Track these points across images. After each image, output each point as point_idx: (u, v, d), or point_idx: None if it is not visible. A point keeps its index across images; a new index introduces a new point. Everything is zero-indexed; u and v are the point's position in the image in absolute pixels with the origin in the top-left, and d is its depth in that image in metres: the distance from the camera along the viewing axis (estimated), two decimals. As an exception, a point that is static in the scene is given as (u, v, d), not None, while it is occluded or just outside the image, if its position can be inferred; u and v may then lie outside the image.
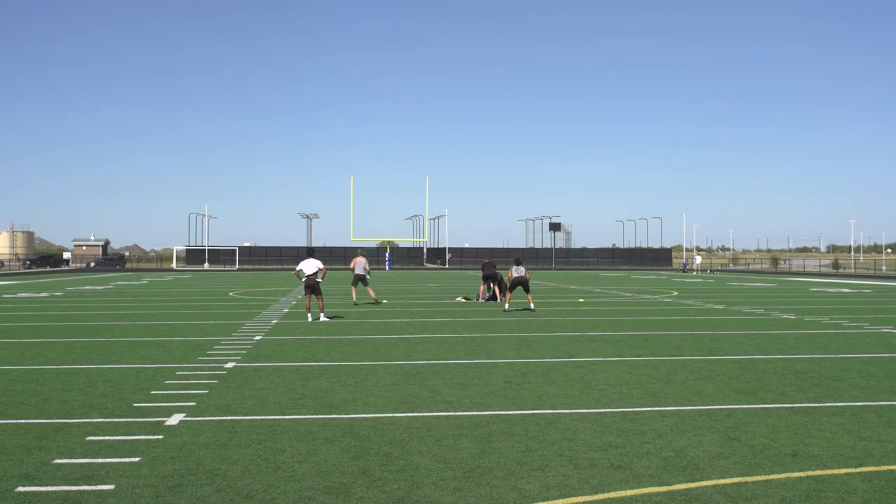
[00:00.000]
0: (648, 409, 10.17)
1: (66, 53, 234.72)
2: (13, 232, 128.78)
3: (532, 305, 27.06)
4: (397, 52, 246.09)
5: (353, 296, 31.26)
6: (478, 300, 32.66)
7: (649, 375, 12.84)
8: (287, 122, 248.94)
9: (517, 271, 27.11)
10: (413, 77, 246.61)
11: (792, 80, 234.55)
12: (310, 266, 23.41)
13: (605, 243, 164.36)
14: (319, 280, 23.25)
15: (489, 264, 32.73)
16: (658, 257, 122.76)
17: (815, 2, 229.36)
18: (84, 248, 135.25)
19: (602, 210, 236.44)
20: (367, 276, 31.05)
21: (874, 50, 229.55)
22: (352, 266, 31.04)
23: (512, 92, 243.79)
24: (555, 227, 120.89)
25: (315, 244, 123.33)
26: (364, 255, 31.74)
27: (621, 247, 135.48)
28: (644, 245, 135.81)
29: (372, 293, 31.74)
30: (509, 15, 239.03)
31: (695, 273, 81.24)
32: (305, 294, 23.51)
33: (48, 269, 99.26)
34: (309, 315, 23.06)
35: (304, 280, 23.30)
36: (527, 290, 27.02)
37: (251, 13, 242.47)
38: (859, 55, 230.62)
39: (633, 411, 10.01)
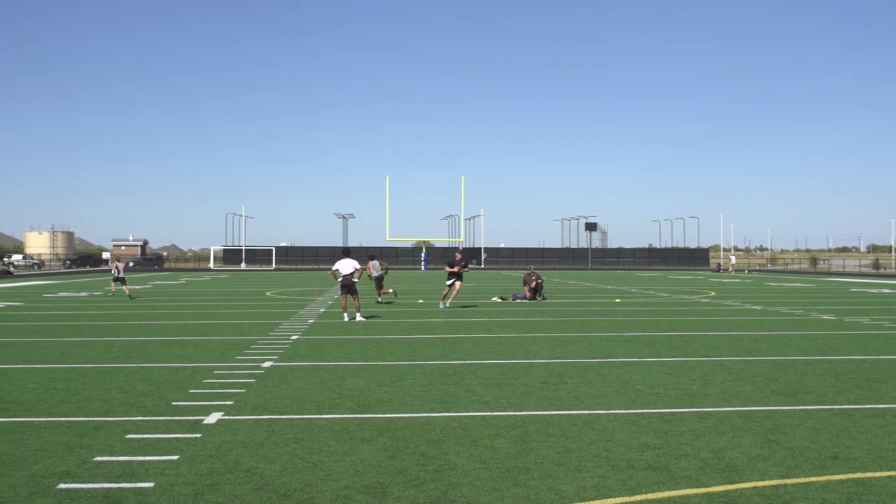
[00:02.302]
0: (686, 410, 10.10)
1: (107, 54, 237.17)
2: (54, 232, 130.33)
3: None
4: (433, 51, 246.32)
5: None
6: (514, 300, 32.62)
7: (687, 376, 12.75)
8: (323, 123, 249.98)
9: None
10: (449, 77, 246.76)
11: (831, 79, 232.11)
12: (346, 266, 23.48)
13: (642, 243, 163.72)
14: (356, 280, 23.32)
15: (531, 275, 33.39)
16: (695, 257, 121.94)
17: (859, 2, 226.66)
18: (123, 248, 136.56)
19: (638, 210, 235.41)
20: (384, 276, 31.45)
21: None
22: (368, 271, 31.24)
23: (548, 91, 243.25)
24: (591, 226, 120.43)
25: (351, 244, 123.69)
26: (377, 258, 32.22)
27: (657, 247, 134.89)
28: (681, 245, 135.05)
29: (378, 297, 31.62)
30: (545, 13, 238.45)
31: (731, 273, 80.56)
32: (342, 294, 23.58)
33: (88, 268, 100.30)
34: (345, 315, 23.13)
35: (340, 280, 23.39)
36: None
37: (287, 12, 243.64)
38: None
39: (671, 412, 9.95)
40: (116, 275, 36.21)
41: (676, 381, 12.22)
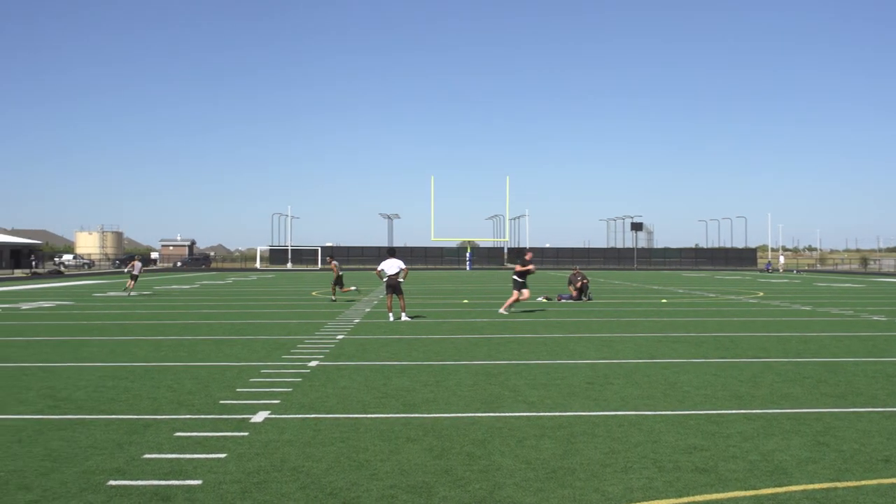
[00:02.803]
0: (734, 411, 10.00)
1: (154, 54, 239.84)
2: (103, 232, 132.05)
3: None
4: (481, 51, 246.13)
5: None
6: (559, 300, 32.52)
7: (734, 377, 12.63)
8: (368, 123, 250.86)
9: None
10: (493, 77, 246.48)
11: (877, 76, 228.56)
12: (391, 266, 23.54)
13: (688, 243, 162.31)
14: (401, 280, 23.38)
15: (576, 275, 33.34)
16: (742, 257, 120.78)
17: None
18: (171, 248, 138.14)
19: (685, 209, 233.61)
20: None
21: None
22: (334, 270, 30.46)
23: (593, 91, 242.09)
24: (637, 226, 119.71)
25: (396, 244, 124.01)
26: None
27: (704, 247, 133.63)
28: (728, 245, 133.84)
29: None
30: (589, 13, 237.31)
31: (780, 272, 79.68)
32: (387, 294, 23.62)
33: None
34: (391, 314, 23.18)
35: (385, 280, 23.45)
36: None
37: (334, 11, 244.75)
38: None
39: (719, 414, 9.85)
40: (133, 272, 37.34)
41: (724, 383, 12.11)
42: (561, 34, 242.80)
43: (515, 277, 26.36)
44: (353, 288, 34.36)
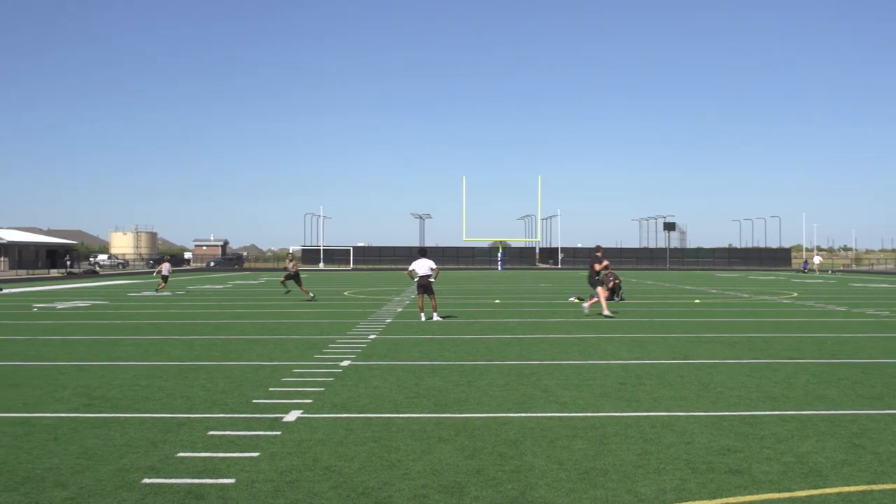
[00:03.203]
0: (768, 412, 9.93)
1: (185, 55, 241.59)
2: (137, 233, 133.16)
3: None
4: (510, 51, 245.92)
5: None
6: (591, 300, 32.38)
7: (768, 378, 12.53)
8: (399, 123, 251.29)
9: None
10: (525, 76, 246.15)
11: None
12: (422, 266, 23.54)
13: (721, 243, 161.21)
14: (432, 280, 23.39)
15: (608, 275, 33.22)
16: (776, 257, 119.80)
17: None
18: (204, 248, 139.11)
19: (718, 209, 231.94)
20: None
21: None
22: (293, 268, 27.79)
23: (625, 91, 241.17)
24: (669, 226, 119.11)
25: (427, 244, 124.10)
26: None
27: (738, 247, 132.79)
28: (762, 245, 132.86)
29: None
30: (620, 12, 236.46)
31: (815, 273, 78.99)
32: (418, 294, 23.62)
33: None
34: (422, 315, 23.18)
35: (416, 280, 23.46)
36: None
37: (366, 8, 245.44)
38: None
39: (752, 415, 9.78)
40: (162, 273, 37.85)
41: (758, 384, 12.02)
42: (594, 33, 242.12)
43: (593, 275, 25.75)
44: (310, 294, 33.82)
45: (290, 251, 34.45)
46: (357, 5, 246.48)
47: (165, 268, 38.59)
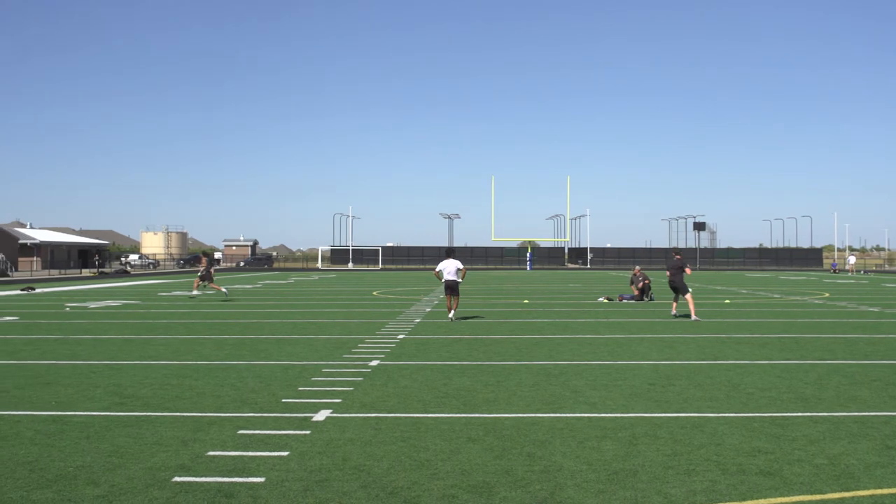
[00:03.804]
0: (799, 414, 9.85)
1: (218, 56, 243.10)
2: (168, 233, 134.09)
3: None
4: (539, 50, 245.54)
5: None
6: (620, 300, 32.31)
7: (800, 380, 12.43)
8: (428, 123, 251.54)
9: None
10: (554, 76, 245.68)
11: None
12: (449, 266, 23.53)
13: (752, 243, 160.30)
14: (459, 280, 23.36)
15: (638, 275, 33.00)
16: (808, 258, 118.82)
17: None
18: (234, 248, 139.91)
19: (748, 209, 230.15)
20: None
21: None
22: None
23: (654, 90, 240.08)
24: (699, 226, 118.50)
25: (456, 244, 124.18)
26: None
27: (768, 246, 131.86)
28: (793, 245, 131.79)
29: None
30: (651, 9, 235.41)
31: (849, 273, 78.27)
32: (446, 294, 23.57)
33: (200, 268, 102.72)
34: (451, 314, 23.10)
35: (444, 280, 23.43)
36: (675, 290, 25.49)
37: (395, 9, 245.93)
38: None
39: (783, 416, 9.71)
40: (204, 272, 37.73)
41: (789, 385, 11.93)
42: (624, 32, 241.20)
43: (674, 279, 24.73)
44: (223, 289, 33.93)
45: (203, 253, 34.65)
46: (387, 4, 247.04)
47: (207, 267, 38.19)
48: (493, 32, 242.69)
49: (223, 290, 34.34)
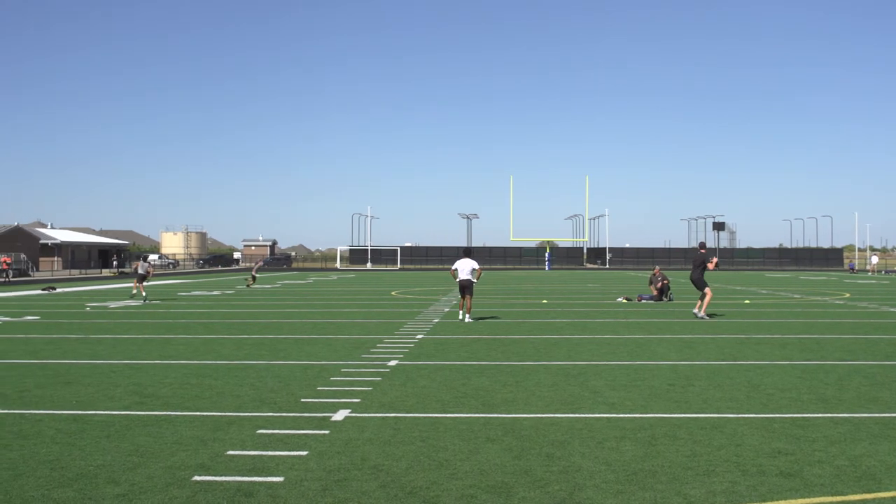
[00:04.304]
0: (820, 415, 9.80)
1: (236, 55, 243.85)
2: (187, 233, 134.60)
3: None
4: (556, 50, 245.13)
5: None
6: (639, 301, 32.22)
7: (820, 380, 12.37)
8: (446, 123, 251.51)
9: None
10: (572, 76, 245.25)
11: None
12: (465, 266, 23.49)
13: (772, 243, 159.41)
14: (474, 280, 23.31)
15: (657, 275, 32.91)
16: (828, 258, 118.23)
17: None
18: (253, 248, 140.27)
19: (768, 208, 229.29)
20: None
21: None
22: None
23: (672, 90, 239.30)
24: (718, 226, 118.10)
25: (474, 244, 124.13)
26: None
27: (788, 246, 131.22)
28: (813, 245, 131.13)
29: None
30: (670, 10, 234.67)
31: (870, 273, 77.79)
32: (461, 294, 23.49)
33: (220, 268, 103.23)
34: (467, 316, 23.00)
35: (458, 280, 23.36)
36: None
37: (410, 8, 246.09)
38: None
39: (804, 417, 9.66)
40: (257, 268, 38.16)
41: (809, 386, 11.87)
42: (641, 32, 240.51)
43: (692, 274, 24.63)
44: (143, 293, 32.65)
45: (142, 257, 34.95)
46: (404, 4, 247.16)
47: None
48: (514, 32, 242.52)
49: (144, 294, 32.58)
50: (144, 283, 33.27)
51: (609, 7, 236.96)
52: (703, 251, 25.22)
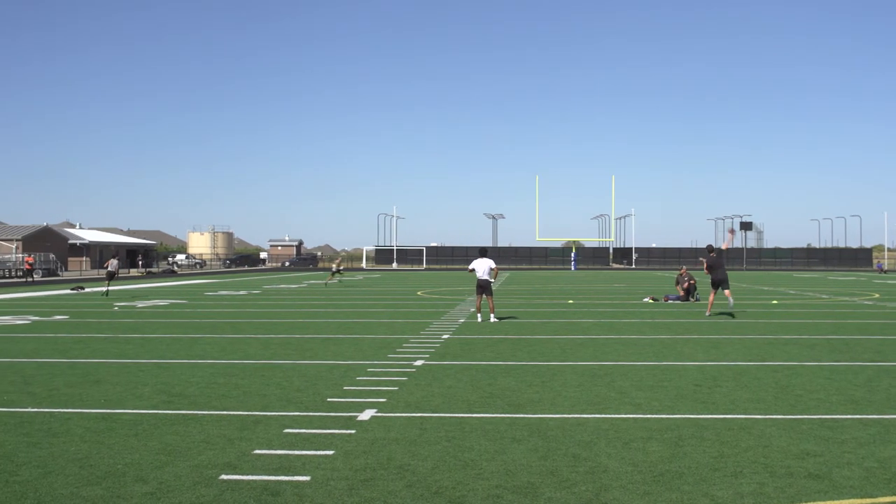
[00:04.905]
0: (849, 416, 9.71)
1: (263, 54, 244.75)
2: (214, 233, 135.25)
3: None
4: (583, 47, 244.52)
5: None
6: (665, 301, 32.08)
7: (849, 381, 12.26)
8: (472, 122, 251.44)
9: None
10: (599, 75, 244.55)
11: None
12: (482, 265, 23.46)
13: (800, 243, 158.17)
14: (492, 280, 23.27)
15: (684, 275, 32.79)
16: (857, 258, 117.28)
17: None
18: (279, 248, 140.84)
19: (796, 208, 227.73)
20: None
21: None
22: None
23: (697, 90, 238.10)
24: (746, 226, 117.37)
25: (500, 244, 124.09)
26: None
27: (817, 246, 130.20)
28: (841, 245, 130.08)
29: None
30: (699, 9, 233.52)
31: (898, 274, 77.04)
32: (476, 294, 23.41)
33: (246, 268, 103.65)
34: (479, 315, 22.96)
35: (476, 280, 23.33)
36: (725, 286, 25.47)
37: (437, 8, 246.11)
38: None
39: (833, 419, 9.59)
40: (336, 269, 38.95)
41: (838, 387, 11.77)
42: (668, 31, 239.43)
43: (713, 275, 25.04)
44: (106, 291, 37.90)
45: (113, 255, 37.84)
46: (433, 4, 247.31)
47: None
48: (539, 31, 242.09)
49: (107, 290, 37.95)
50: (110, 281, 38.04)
51: (632, 7, 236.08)
52: (712, 254, 25.82)
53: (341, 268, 46.81)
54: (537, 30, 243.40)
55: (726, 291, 25.04)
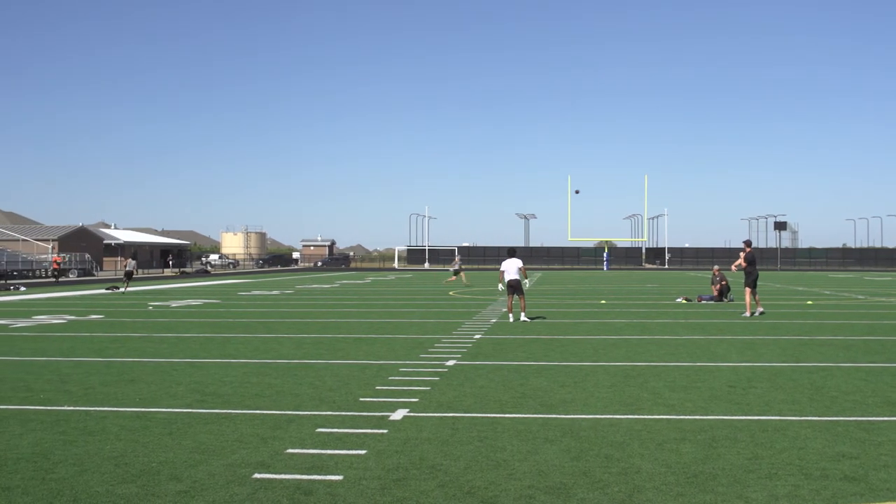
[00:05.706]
0: (886, 418, 9.60)
1: (293, 56, 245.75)
2: (247, 233, 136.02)
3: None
4: (614, 48, 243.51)
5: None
6: (699, 301, 31.88)
7: (886, 383, 12.13)
8: (504, 122, 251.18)
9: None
10: (631, 74, 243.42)
11: None
12: (511, 266, 23.47)
13: (835, 243, 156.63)
14: (522, 279, 23.27)
15: (717, 275, 32.60)
16: (894, 258, 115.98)
17: None
18: (311, 248, 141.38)
19: (831, 207, 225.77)
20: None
21: None
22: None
23: (733, 89, 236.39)
24: (780, 226, 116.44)
25: (532, 244, 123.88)
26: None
27: (852, 246, 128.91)
28: (878, 245, 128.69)
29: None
30: (730, 7, 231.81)
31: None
32: (508, 294, 23.42)
33: (279, 268, 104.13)
34: (510, 315, 22.95)
35: (506, 280, 23.35)
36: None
37: (471, 8, 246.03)
38: None
39: (869, 420, 9.48)
40: (456, 268, 39.47)
41: (875, 388, 11.64)
42: (701, 31, 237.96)
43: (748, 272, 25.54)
44: (118, 289, 40.70)
45: (132, 255, 40.42)
46: (465, 4, 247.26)
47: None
48: (572, 31, 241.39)
49: (122, 289, 40.81)
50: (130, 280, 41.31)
51: (664, 6, 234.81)
52: (749, 249, 26.31)
53: (462, 268, 46.64)
54: (571, 29, 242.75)
55: (757, 296, 24.99)
